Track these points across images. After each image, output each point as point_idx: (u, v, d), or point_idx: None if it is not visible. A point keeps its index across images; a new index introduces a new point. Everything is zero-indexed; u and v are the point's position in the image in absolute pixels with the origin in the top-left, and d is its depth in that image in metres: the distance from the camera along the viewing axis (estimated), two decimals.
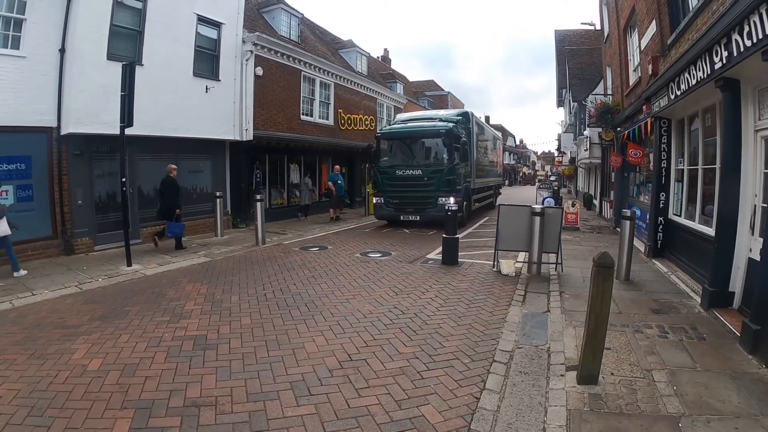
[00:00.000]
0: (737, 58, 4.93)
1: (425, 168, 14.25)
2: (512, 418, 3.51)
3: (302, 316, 5.90)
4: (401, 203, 14.47)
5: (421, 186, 14.05)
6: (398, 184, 14.43)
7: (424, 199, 14.04)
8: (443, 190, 13.80)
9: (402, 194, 14.42)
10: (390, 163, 15.08)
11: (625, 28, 13.46)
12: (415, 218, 14.32)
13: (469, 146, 15.85)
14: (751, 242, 5.42)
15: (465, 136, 15.43)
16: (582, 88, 25.62)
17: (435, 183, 13.90)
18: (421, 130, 14.88)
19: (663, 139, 9.06)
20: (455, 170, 14.15)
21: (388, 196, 14.69)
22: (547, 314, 6.00)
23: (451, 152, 14.10)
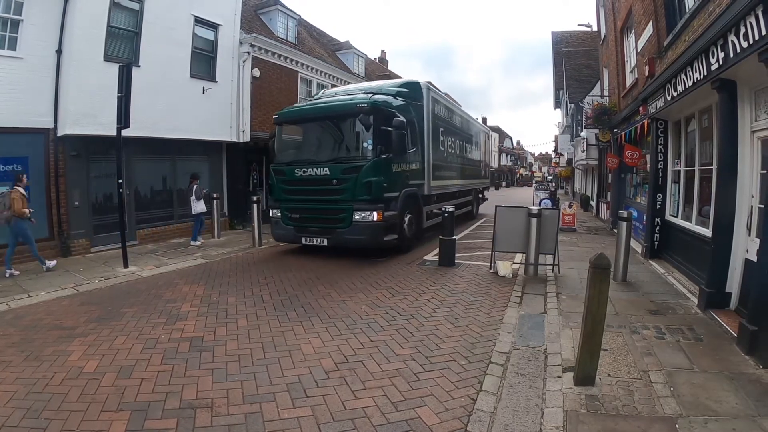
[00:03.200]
0: (734, 60, 4.94)
1: (334, 165, 9.46)
2: (509, 420, 3.50)
3: (299, 318, 5.89)
4: (302, 219, 9.93)
5: (329, 193, 9.45)
6: (298, 191, 9.91)
7: (332, 213, 9.48)
8: (361, 200, 9.11)
9: (303, 205, 9.92)
10: (288, 158, 10.40)
11: (622, 29, 13.49)
12: (321, 242, 9.66)
13: (418, 132, 10.95)
14: (748, 243, 5.42)
15: (411, 116, 10.59)
16: (579, 89, 25.69)
17: (348, 188, 9.21)
18: (328, 107, 10.12)
19: (660, 140, 9.08)
20: (383, 168, 9.36)
21: (286, 207, 10.17)
22: (544, 315, 6.00)
23: (378, 140, 9.27)
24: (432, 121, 11.74)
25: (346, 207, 9.31)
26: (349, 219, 9.28)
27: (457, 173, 15.06)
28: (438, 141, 12.48)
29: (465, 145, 16.35)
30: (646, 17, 9.55)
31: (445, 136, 13.25)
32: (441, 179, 12.81)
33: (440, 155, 12.77)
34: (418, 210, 11.09)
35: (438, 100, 12.70)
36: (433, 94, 12.10)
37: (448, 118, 13.94)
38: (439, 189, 12.58)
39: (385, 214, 9.28)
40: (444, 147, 13.24)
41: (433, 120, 11.90)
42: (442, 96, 13.50)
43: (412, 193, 10.55)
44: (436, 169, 12.13)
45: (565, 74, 28.19)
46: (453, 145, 14.40)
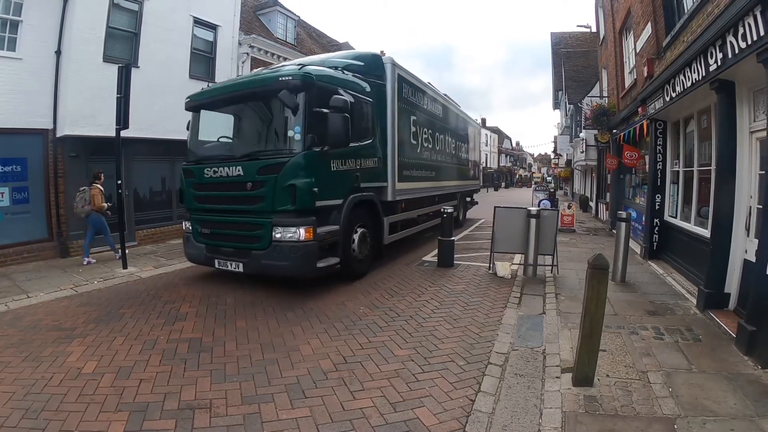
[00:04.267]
0: (732, 60, 4.96)
1: (248, 163, 6.95)
2: (507, 421, 3.50)
3: (297, 319, 5.89)
4: (213, 235, 7.51)
5: (242, 201, 7.04)
6: (208, 198, 7.53)
7: (247, 228, 7.05)
8: (283, 211, 6.70)
9: (213, 217, 7.49)
10: (200, 155, 7.96)
11: (621, 30, 13.51)
12: (236, 268, 7.13)
13: (376, 119, 8.50)
14: (747, 243, 5.43)
15: (366, 98, 8.15)
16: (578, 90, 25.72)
17: (266, 194, 6.75)
18: (245, 83, 7.61)
19: (658, 141, 9.09)
20: (315, 165, 6.80)
21: (196, 219, 7.76)
22: (542, 316, 6.00)
23: (310, 126, 6.74)
24: (399, 107, 9.22)
25: (262, 221, 6.78)
26: (267, 238, 6.73)
27: (437, 173, 12.25)
28: (407, 132, 9.84)
29: (449, 139, 13.64)
30: (645, 18, 9.56)
31: (419, 127, 10.56)
32: (412, 180, 10.18)
33: (411, 150, 10.12)
34: (377, 222, 8.59)
35: (408, 81, 9.95)
36: (400, 72, 9.44)
37: (424, 104, 11.11)
38: (409, 193, 10.06)
39: (318, 231, 6.72)
40: (418, 140, 10.51)
41: (401, 105, 9.40)
42: (415, 77, 10.48)
43: (366, 199, 8.07)
44: (405, 168, 9.62)
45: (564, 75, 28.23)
46: (431, 138, 11.62)
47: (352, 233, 7.78)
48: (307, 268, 6.75)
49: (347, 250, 7.58)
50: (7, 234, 9.24)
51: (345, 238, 7.47)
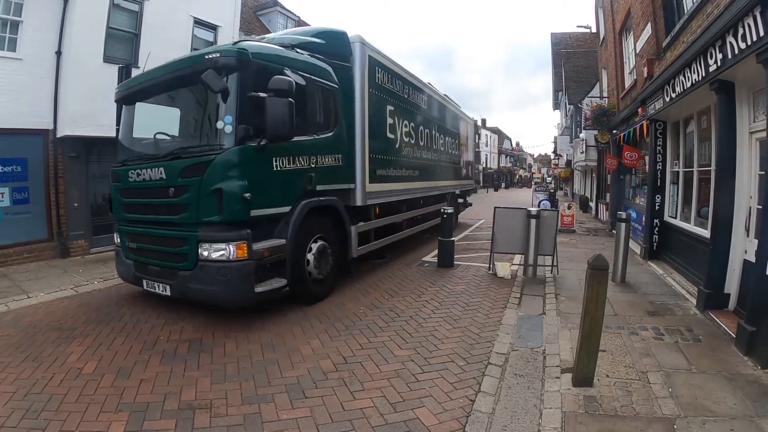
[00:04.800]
0: (732, 61, 4.96)
1: (171, 163, 5.80)
2: (507, 421, 3.50)
3: (297, 319, 5.89)
4: (140, 251, 6.32)
5: (165, 210, 5.88)
6: (132, 206, 6.39)
7: (171, 243, 5.86)
8: (210, 223, 5.50)
9: (137, 228, 6.34)
10: (128, 155, 6.71)
11: (621, 30, 13.52)
12: (164, 290, 5.93)
13: (340, 107, 7.20)
14: (747, 244, 5.43)
15: (326, 81, 6.90)
16: (578, 90, 25.71)
17: (190, 201, 5.57)
18: (172, 64, 6.32)
19: (658, 141, 9.10)
20: (249, 164, 5.56)
21: (123, 230, 6.59)
22: (542, 317, 6.00)
23: (244, 114, 5.51)
24: (371, 95, 7.89)
25: (187, 235, 5.56)
26: (193, 256, 5.52)
27: (423, 172, 10.91)
28: (382, 125, 8.51)
29: (436, 134, 12.24)
30: (645, 19, 9.57)
31: (398, 120, 9.20)
32: (389, 180, 8.81)
33: (388, 146, 8.76)
34: (340, 232, 7.24)
35: (384, 66, 8.54)
36: (372, 53, 8.03)
37: (405, 94, 9.67)
38: (385, 195, 8.67)
39: (254, 247, 5.48)
40: (396, 134, 9.17)
41: (375, 93, 8.05)
42: (392, 61, 9.05)
43: (325, 205, 6.76)
44: (379, 166, 8.30)
45: (564, 75, 28.24)
46: (414, 133, 10.22)
47: (307, 247, 6.44)
48: (240, 295, 5.45)
49: (299, 268, 6.22)
50: (8, 234, 9.25)
51: (295, 254, 6.12)
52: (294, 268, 6.10)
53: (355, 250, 7.58)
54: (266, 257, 5.64)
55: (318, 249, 6.61)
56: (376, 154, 8.14)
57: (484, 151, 70.11)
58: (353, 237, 7.47)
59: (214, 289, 5.42)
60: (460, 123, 15.41)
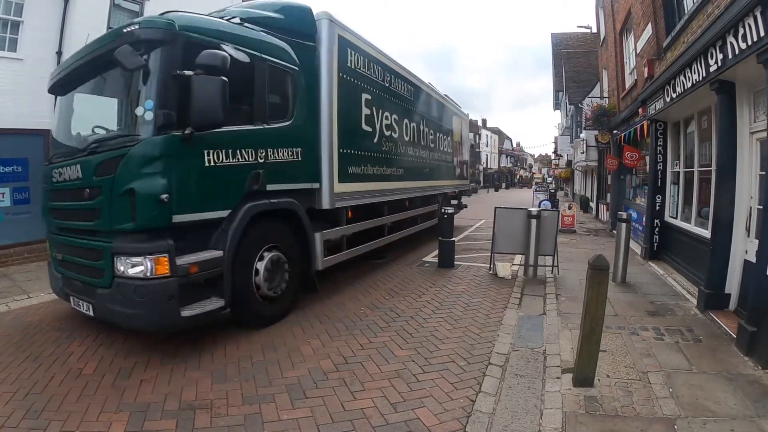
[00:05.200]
0: (732, 61, 4.97)
1: (86, 158, 4.83)
2: (508, 421, 3.50)
3: (298, 319, 5.89)
4: (64, 263, 5.35)
5: (81, 215, 4.95)
6: (56, 210, 5.54)
7: (89, 256, 4.85)
8: (124, 232, 4.47)
9: (62, 237, 5.40)
10: (56, 151, 5.84)
11: (621, 31, 13.52)
12: (87, 309, 4.85)
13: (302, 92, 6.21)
14: (747, 244, 5.43)
15: (282, 61, 5.93)
16: (578, 90, 25.74)
17: (102, 205, 4.57)
18: (94, 42, 5.11)
19: (659, 141, 9.10)
20: (170, 157, 4.47)
21: (51, 239, 5.79)
22: (543, 317, 6.00)
23: (170, 97, 4.47)
24: (342, 80, 6.86)
25: (102, 245, 4.60)
26: (109, 272, 4.52)
27: (408, 171, 9.81)
28: (356, 115, 7.46)
29: (425, 129, 11.06)
30: (645, 19, 9.57)
31: (377, 110, 8.14)
32: (365, 179, 7.70)
33: (364, 140, 7.69)
34: (300, 240, 6.16)
35: (358, 48, 7.43)
36: (343, 33, 6.99)
37: (385, 81, 8.61)
38: (360, 197, 7.59)
39: (179, 262, 4.45)
40: (374, 127, 8.09)
41: (346, 78, 7.01)
42: (369, 44, 7.91)
43: (280, 208, 5.75)
44: (351, 163, 7.24)
45: (564, 76, 28.27)
46: (396, 126, 9.13)
47: (255, 260, 5.41)
48: (163, 320, 4.43)
49: (243, 285, 5.19)
50: (8, 234, 9.24)
51: (238, 269, 5.10)
52: (237, 285, 5.06)
53: (321, 261, 6.50)
54: (194, 273, 4.56)
55: (270, 261, 5.54)
56: (347, 149, 7.09)
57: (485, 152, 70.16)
58: (318, 246, 6.42)
59: (133, 312, 4.37)
60: (454, 119, 14.23)
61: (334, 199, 6.73)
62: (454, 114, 14.32)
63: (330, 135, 6.57)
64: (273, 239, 5.70)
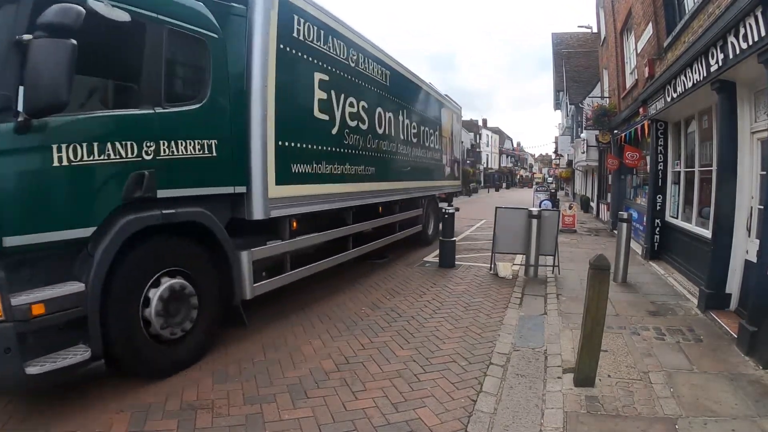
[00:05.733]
0: (733, 61, 4.97)
1: None
2: (509, 421, 3.50)
3: (299, 319, 5.89)
4: None
5: None
6: None
7: None
8: None
9: None
10: None
11: (622, 30, 13.52)
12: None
13: (216, 64, 4.69)
14: (748, 244, 5.43)
15: (188, 23, 4.41)
16: (579, 90, 25.73)
17: None
18: None
19: (659, 141, 9.10)
20: (3, 154, 3.21)
21: None
22: (544, 317, 6.00)
23: (6, 69, 3.25)
24: (285, 53, 5.49)
25: None
26: None
27: (381, 170, 8.29)
28: (306, 98, 6.04)
29: (405, 121, 9.56)
30: (646, 18, 9.57)
31: (337, 94, 6.65)
32: (317, 180, 6.23)
33: (316, 130, 6.23)
34: (219, 260, 4.78)
35: (308, 15, 6.03)
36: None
37: (349, 60, 7.07)
38: (309, 202, 6.05)
39: (14, 303, 3.20)
40: (334, 115, 6.63)
41: (290, 51, 5.61)
42: (326, 12, 6.51)
43: (181, 221, 4.32)
44: (298, 159, 5.80)
45: (565, 75, 28.26)
46: (365, 115, 7.61)
47: (144, 291, 4.05)
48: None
49: (126, 326, 3.89)
50: None
51: (115, 305, 3.78)
52: (114, 326, 3.77)
53: (249, 288, 4.99)
54: (39, 316, 3.26)
55: (169, 290, 4.15)
56: (291, 142, 5.60)
57: (485, 151, 70.17)
58: (244, 268, 4.93)
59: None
60: (443, 111, 12.63)
61: (270, 206, 5.20)
62: (443, 106, 12.73)
63: (263, 123, 5.08)
64: (175, 262, 4.26)
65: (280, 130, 5.37)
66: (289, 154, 5.61)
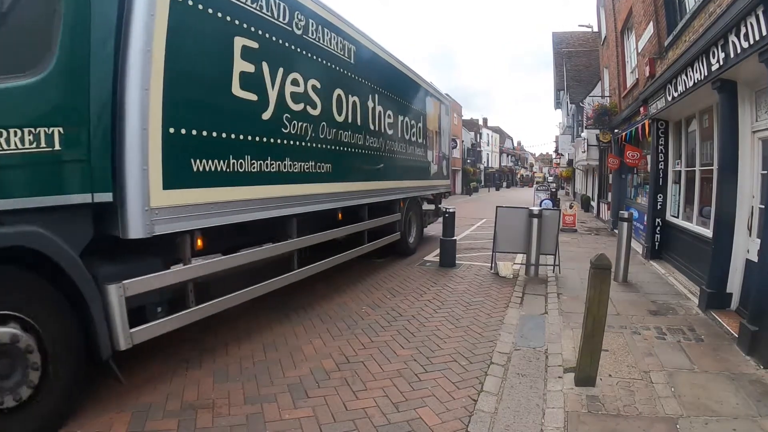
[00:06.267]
0: (734, 60, 4.96)
1: None
2: (510, 420, 3.50)
3: (299, 319, 5.89)
4: None
5: None
6: None
7: None
8: None
9: None
10: None
11: (623, 30, 13.51)
12: None
13: (73, 11, 3.16)
14: (749, 243, 5.43)
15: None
16: (579, 89, 25.72)
17: None
18: None
19: (660, 140, 9.09)
20: None
21: None
22: (544, 316, 6.00)
23: None
24: (180, 5, 3.93)
25: None
26: None
27: (339, 166, 6.67)
28: (220, 69, 4.51)
29: (373, 107, 7.81)
30: (647, 17, 9.56)
31: (269, 67, 5.13)
32: (238, 181, 4.70)
33: (237, 112, 4.72)
34: (77, 299, 3.27)
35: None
36: None
37: (290, 23, 5.51)
38: (226, 209, 4.54)
39: None
40: (265, 94, 5.12)
41: (189, 3, 4.03)
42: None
43: (7, 246, 2.87)
44: (200, 151, 4.22)
45: (565, 75, 28.24)
46: (314, 96, 5.99)
47: None
48: None
49: None
50: None
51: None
52: None
53: (123, 336, 3.51)
54: None
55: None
56: (192, 129, 4.10)
57: (486, 150, 70.13)
58: (113, 308, 3.45)
59: None
60: (428, 101, 11.01)
61: (155, 219, 3.73)
62: (430, 96, 11.18)
63: (142, 101, 3.60)
64: (2, 303, 2.94)
65: (173, 112, 3.87)
66: (188, 146, 4.06)
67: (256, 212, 4.95)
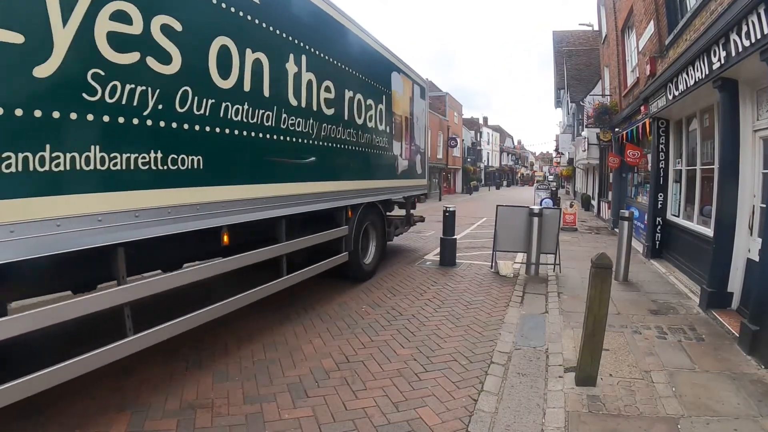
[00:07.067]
0: (735, 59, 4.94)
1: None
2: (510, 420, 3.49)
3: (299, 318, 5.88)
4: None
5: None
6: None
7: None
8: None
9: None
10: None
11: (623, 28, 13.49)
12: None
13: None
14: (750, 243, 5.41)
15: None
16: (580, 88, 25.69)
17: None
18: None
19: (661, 139, 9.07)
20: None
21: None
22: (545, 315, 5.99)
23: None
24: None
25: None
26: None
27: (221, 162, 4.09)
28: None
29: (295, 73, 5.21)
30: (648, 16, 9.54)
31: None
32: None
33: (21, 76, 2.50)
34: None
35: None
36: None
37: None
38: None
39: None
40: (50, 35, 2.63)
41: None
42: None
43: None
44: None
45: (566, 73, 28.21)
46: (170, 49, 3.45)
47: None
48: None
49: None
50: None
51: None
52: None
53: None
54: None
55: None
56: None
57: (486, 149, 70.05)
58: None
59: None
60: (395, 78, 8.55)
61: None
62: (397, 71, 8.64)
63: None
64: None
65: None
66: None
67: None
